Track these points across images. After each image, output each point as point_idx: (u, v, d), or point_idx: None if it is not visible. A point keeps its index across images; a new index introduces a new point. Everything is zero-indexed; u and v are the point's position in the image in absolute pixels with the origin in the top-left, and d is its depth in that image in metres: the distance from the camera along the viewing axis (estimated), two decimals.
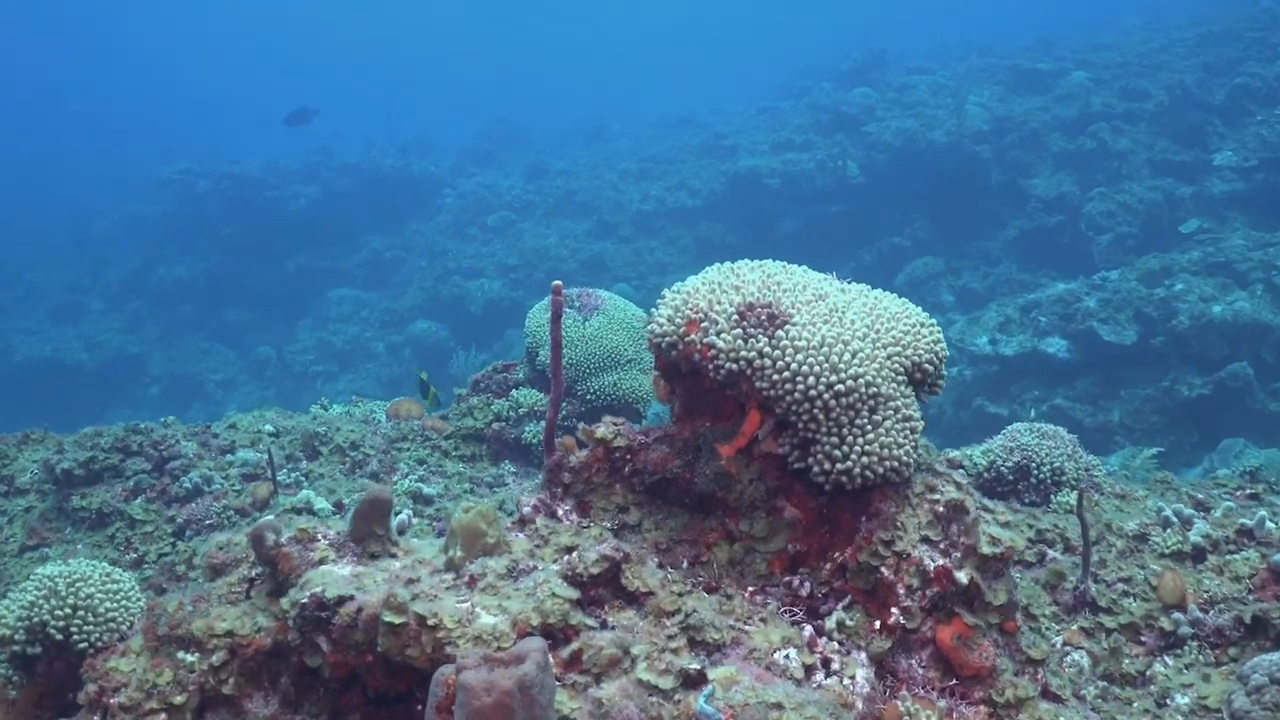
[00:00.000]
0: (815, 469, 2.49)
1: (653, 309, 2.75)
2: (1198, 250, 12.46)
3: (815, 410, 2.44)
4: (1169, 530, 3.78)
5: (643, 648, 2.19)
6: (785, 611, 2.47)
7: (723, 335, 2.54)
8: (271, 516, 2.85)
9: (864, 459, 2.43)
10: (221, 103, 42.51)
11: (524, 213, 19.99)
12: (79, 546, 5.33)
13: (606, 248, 17.74)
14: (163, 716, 2.60)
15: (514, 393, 5.92)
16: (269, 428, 6.03)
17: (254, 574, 2.87)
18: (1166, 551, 3.69)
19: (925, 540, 2.44)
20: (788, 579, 2.55)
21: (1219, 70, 16.56)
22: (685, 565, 2.61)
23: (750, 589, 2.54)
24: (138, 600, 3.08)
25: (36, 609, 2.89)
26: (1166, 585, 3.44)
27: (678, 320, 2.64)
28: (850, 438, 2.44)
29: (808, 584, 2.53)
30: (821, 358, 2.44)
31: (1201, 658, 3.27)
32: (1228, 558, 3.67)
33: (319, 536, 2.74)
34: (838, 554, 2.53)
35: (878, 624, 2.42)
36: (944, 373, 2.65)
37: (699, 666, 2.14)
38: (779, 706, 2.01)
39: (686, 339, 2.62)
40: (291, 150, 23.35)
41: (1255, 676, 2.78)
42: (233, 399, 17.51)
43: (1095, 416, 11.04)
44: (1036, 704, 2.42)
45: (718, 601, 2.44)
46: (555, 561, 2.45)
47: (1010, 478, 4.08)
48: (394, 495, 5.24)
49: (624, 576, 2.40)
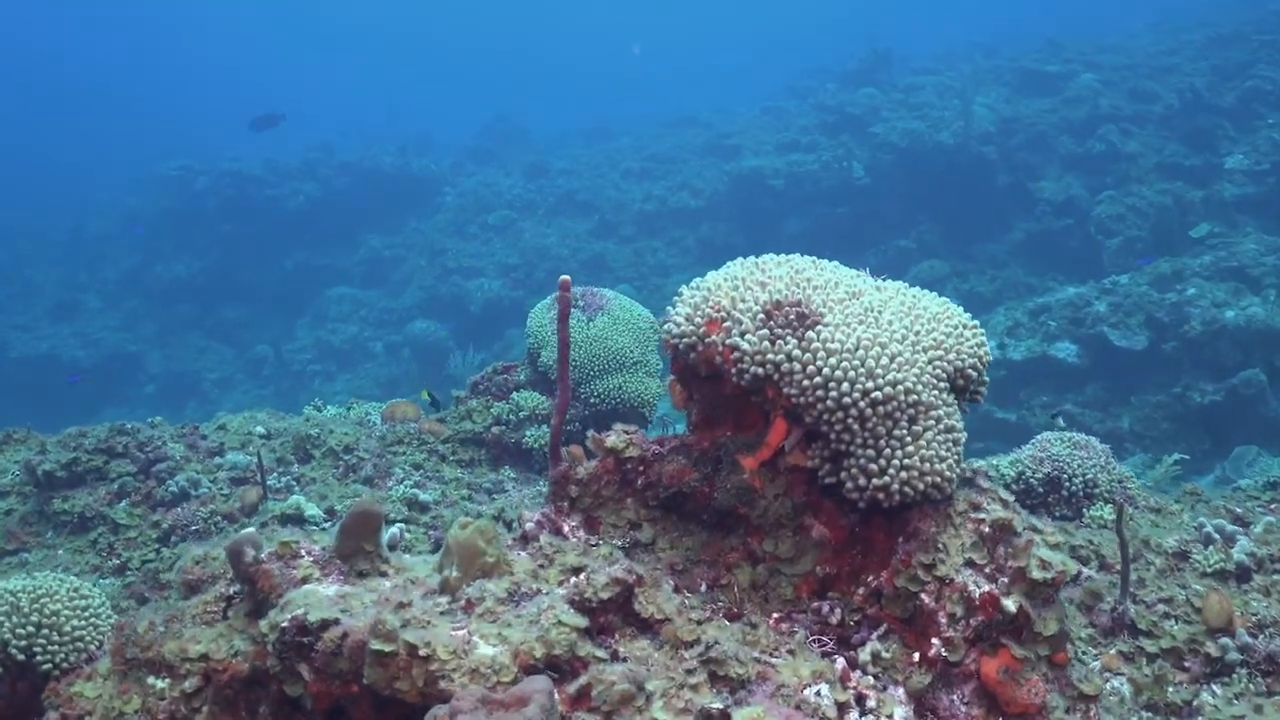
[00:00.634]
0: (848, 484, 2.26)
1: (669, 307, 2.52)
2: (1209, 255, 12.31)
3: (849, 420, 2.21)
4: (1211, 547, 3.56)
5: (659, 683, 1.96)
6: (814, 641, 2.24)
7: (747, 336, 2.31)
8: (252, 529, 2.63)
9: (902, 474, 2.21)
10: (222, 99, 42.26)
11: (525, 212, 19.81)
12: (60, 552, 5.14)
13: (608, 248, 17.56)
14: None
15: (515, 395, 5.71)
16: (260, 429, 5.81)
17: (232, 592, 2.65)
18: (1209, 570, 3.47)
19: (969, 564, 2.21)
20: (816, 605, 2.32)
21: (1229, 73, 16.38)
22: (703, 588, 2.38)
23: (775, 615, 2.31)
24: (108, 618, 2.86)
25: None
26: (1212, 607, 3.21)
27: (697, 320, 2.41)
28: (888, 450, 2.21)
29: (838, 610, 2.30)
30: (856, 362, 2.21)
31: (1252, 686, 3.04)
32: (1275, 577, 3.46)
33: (302, 552, 2.52)
34: (871, 577, 2.30)
35: (916, 656, 2.19)
36: (986, 379, 2.43)
37: (722, 706, 1.92)
38: None
39: (707, 340, 2.39)
40: (290, 147, 23.15)
41: None
42: (230, 398, 17.34)
43: (1105, 423, 10.89)
44: None
45: (740, 630, 2.21)
46: (561, 584, 2.22)
47: (1040, 490, 3.86)
48: (389, 503, 5.04)
49: (637, 601, 2.17)
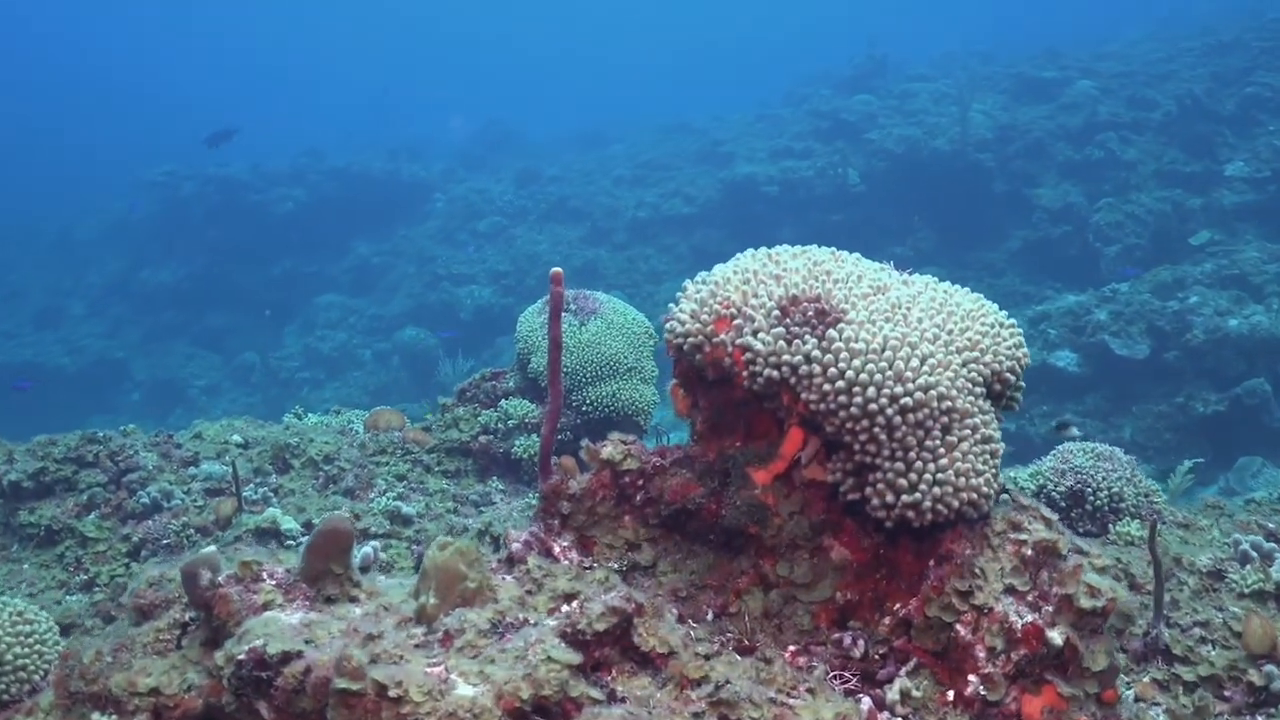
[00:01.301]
0: (874, 501, 2.01)
1: (672, 304, 2.27)
2: (1211, 262, 12.17)
3: (876, 429, 1.96)
4: (1248, 566, 3.32)
5: None
6: (835, 677, 1.99)
7: (760, 335, 2.06)
8: (212, 548, 2.38)
9: (935, 489, 1.96)
10: (213, 101, 41.95)
11: (515, 218, 19.61)
12: (25, 566, 4.93)
13: (600, 255, 17.36)
14: None
15: (503, 403, 5.46)
16: (237, 438, 5.56)
17: (188, 619, 2.40)
18: (1247, 591, 3.23)
19: (1009, 590, 1.96)
20: (837, 636, 2.07)
21: (1228, 80, 16.25)
22: (710, 617, 2.13)
23: (791, 648, 2.06)
24: (55, 644, 2.61)
25: None
26: (1254, 631, 2.97)
27: (703, 317, 2.16)
28: (919, 463, 1.96)
29: (861, 642, 2.05)
30: (884, 364, 1.96)
31: None
32: None
33: (264, 575, 2.26)
34: (898, 605, 2.05)
35: (951, 694, 1.95)
36: (1023, 384, 2.19)
37: None
38: None
39: (715, 339, 2.14)
40: (279, 152, 22.88)
41: None
42: (217, 405, 17.10)
43: (1106, 433, 10.72)
44: None
45: (754, 666, 1.95)
46: (551, 613, 1.97)
47: (1063, 504, 3.62)
48: (370, 516, 4.79)
49: (636, 634, 1.92)
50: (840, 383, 1.98)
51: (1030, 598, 1.97)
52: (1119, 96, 16.79)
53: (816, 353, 2.01)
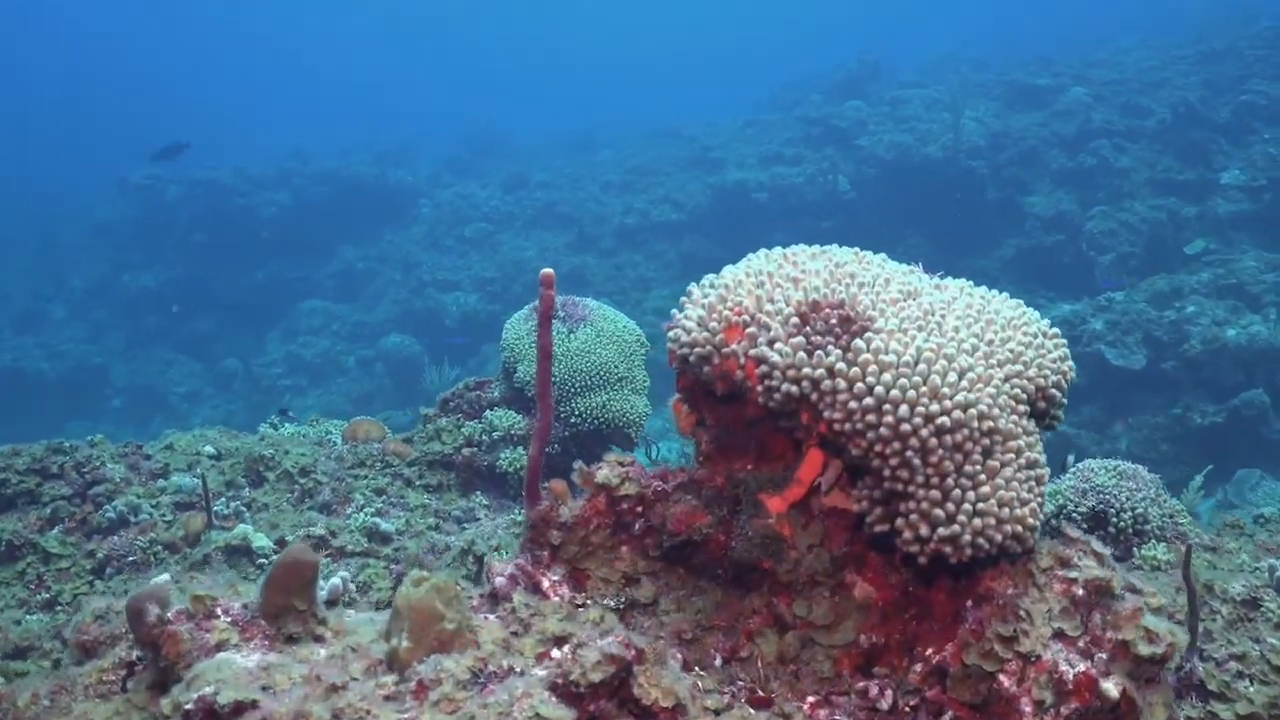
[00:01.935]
0: (906, 534, 1.77)
1: (676, 310, 2.04)
2: (1208, 271, 12.05)
3: (908, 452, 1.73)
4: None
5: None
6: None
7: (777, 346, 1.82)
8: (165, 577, 2.13)
9: (976, 520, 1.73)
10: (196, 105, 41.59)
11: (502, 224, 19.41)
12: None
13: (587, 261, 17.16)
14: None
15: (488, 414, 5.22)
16: (209, 449, 5.30)
17: (134, 657, 2.16)
18: None
19: (1058, 635, 1.74)
20: (862, 685, 1.83)
21: (1222, 88, 16.17)
22: (718, 663, 1.89)
23: (811, 698, 1.83)
24: None
25: None
26: None
27: (712, 324, 1.92)
28: (957, 491, 1.73)
29: (890, 692, 1.82)
30: (918, 378, 1.73)
31: None
32: None
33: (219, 611, 2.02)
34: (930, 650, 1.82)
35: None
36: (1065, 401, 1.96)
37: None
38: None
39: (725, 350, 1.91)
40: (265, 155, 22.59)
41: None
42: (199, 412, 16.83)
43: (1102, 444, 10.57)
44: None
45: None
46: (540, 659, 1.73)
47: (1084, 526, 3.41)
48: (347, 533, 4.54)
49: (637, 684, 1.68)
50: (869, 399, 1.74)
51: (1082, 644, 1.74)
52: (1112, 104, 16.70)
53: (841, 365, 1.77)
